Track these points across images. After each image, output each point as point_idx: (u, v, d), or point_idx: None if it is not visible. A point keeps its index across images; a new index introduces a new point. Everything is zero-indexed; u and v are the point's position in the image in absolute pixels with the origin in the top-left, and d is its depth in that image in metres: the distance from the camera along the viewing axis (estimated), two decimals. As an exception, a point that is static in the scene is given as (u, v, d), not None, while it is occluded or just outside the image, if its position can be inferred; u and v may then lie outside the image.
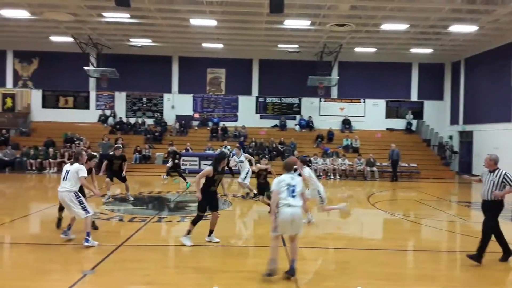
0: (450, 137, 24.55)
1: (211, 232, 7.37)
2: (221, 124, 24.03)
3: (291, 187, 5.55)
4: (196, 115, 24.95)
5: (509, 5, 15.34)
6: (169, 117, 24.56)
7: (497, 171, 6.55)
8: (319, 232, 8.95)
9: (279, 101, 25.24)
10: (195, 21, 18.44)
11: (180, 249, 7.04)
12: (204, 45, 22.93)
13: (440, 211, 11.54)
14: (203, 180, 7.11)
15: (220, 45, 22.98)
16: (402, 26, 18.57)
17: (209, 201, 7.16)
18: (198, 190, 7.07)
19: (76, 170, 6.90)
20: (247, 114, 24.90)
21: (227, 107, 25.12)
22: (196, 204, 7.25)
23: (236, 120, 24.79)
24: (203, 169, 7.66)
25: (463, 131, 23.70)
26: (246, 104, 25.07)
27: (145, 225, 8.70)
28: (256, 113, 25.18)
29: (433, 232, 9.24)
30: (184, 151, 20.28)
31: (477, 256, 6.35)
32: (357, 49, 23.15)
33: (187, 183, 14.36)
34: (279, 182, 5.62)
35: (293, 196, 5.51)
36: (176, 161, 15.66)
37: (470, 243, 8.12)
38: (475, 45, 21.42)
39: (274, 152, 21.38)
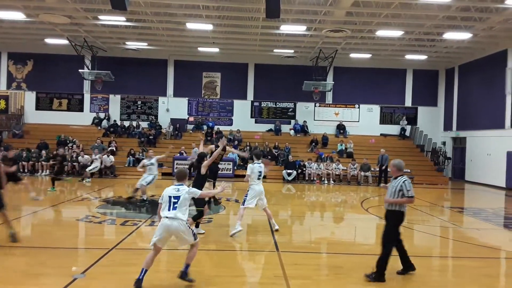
0: (444, 143, 24.70)
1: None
2: (216, 128, 24.00)
3: (173, 198, 5.38)
4: (191, 118, 24.91)
5: (503, 13, 15.52)
6: (164, 120, 24.50)
7: (399, 178, 6.02)
8: (312, 237, 8.94)
9: (274, 106, 25.29)
10: (191, 25, 18.48)
11: (172, 253, 6.99)
12: (200, 49, 22.97)
13: (433, 216, 11.57)
14: None
15: (216, 49, 23.03)
16: (397, 33, 18.71)
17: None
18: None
19: None
20: (242, 118, 24.92)
21: (222, 111, 25.13)
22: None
23: (231, 124, 24.79)
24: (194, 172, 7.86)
25: (456, 137, 23.86)
26: (241, 108, 25.09)
27: (137, 229, 8.64)
28: (251, 117, 25.21)
29: (425, 237, 9.26)
30: (178, 154, 20.25)
31: (378, 275, 5.82)
32: (352, 55, 23.28)
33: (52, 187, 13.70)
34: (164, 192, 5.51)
35: (175, 208, 5.33)
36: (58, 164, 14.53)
37: (462, 249, 8.18)
38: (469, 52, 21.63)
39: (269, 157, 21.36)
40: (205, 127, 24.19)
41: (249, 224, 10.18)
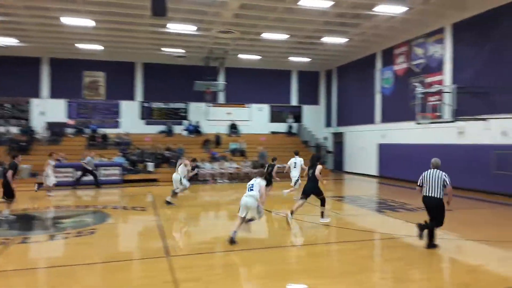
0: (326, 138, 26.87)
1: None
2: (100, 131, 22.40)
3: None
4: (71, 122, 22.82)
5: (372, 19, 17.36)
6: (39, 124, 22.02)
7: (437, 171, 7.35)
8: (206, 237, 8.85)
9: (166, 106, 24.61)
10: (67, 20, 16.88)
11: (51, 272, 6.24)
12: (80, 46, 21.13)
13: (317, 206, 12.40)
14: None
15: (99, 47, 21.45)
16: (282, 36, 19.67)
17: None
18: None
19: None
20: (130, 120, 23.71)
21: (107, 113, 23.55)
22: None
23: (117, 127, 23.38)
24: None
25: (336, 132, 26.13)
26: (129, 110, 23.87)
27: (5, 249, 7.52)
28: (141, 118, 24.14)
29: (311, 226, 9.86)
30: (56, 161, 18.33)
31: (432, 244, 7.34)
32: (242, 56, 23.84)
33: None
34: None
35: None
36: None
37: (342, 234, 8.90)
38: (345, 55, 23.82)
39: (160, 159, 20.71)
40: (88, 130, 22.40)
41: (140, 231, 9.68)
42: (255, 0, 15.12)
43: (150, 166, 20.19)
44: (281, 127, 26.60)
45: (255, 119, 26.14)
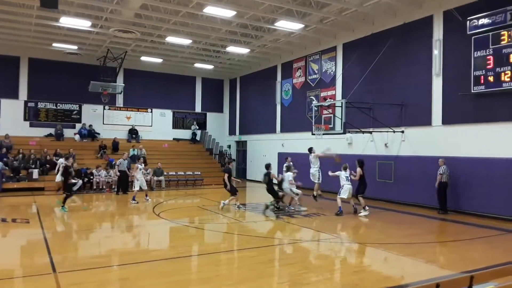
0: (229, 146, 27.17)
1: None
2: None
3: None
4: None
5: (273, 33, 18.12)
6: None
7: None
8: (98, 251, 8.19)
9: (55, 107, 22.43)
10: None
11: None
12: (-51, 33, 18.22)
13: (219, 214, 12.41)
14: None
15: (-27, 36, 18.74)
16: (186, 41, 19.42)
17: None
18: None
19: None
20: (12, 121, 21.07)
21: (-17, 112, 20.63)
22: None
23: (-4, 128, 20.64)
24: None
25: (239, 140, 26.59)
26: (11, 109, 21.23)
27: None
28: (25, 120, 21.65)
29: (214, 235, 9.80)
30: None
31: None
32: (144, 58, 22.93)
33: None
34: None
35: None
36: None
37: (243, 241, 9.00)
38: (247, 65, 24.45)
39: (47, 165, 18.75)
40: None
41: (22, 246, 8.59)
42: (158, 1, 14.69)
43: (35, 173, 18.15)
44: (185, 133, 26.15)
45: (157, 124, 25.29)
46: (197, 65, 24.30)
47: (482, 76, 12.04)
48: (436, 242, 9.51)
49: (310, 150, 14.36)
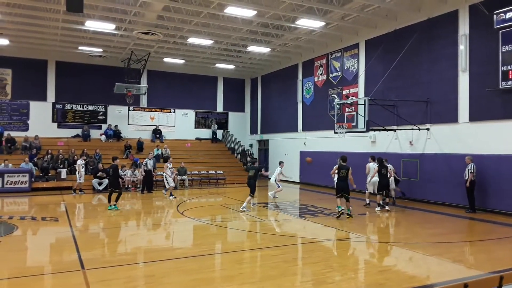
0: (251, 145, 27.25)
1: None
2: (6, 134, 20.28)
3: None
4: (-31, 123, 20.38)
5: (294, 32, 18.07)
6: None
7: None
8: (125, 248, 8.39)
9: (81, 109, 23.06)
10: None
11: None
12: (-19, 39, 18.98)
13: (240, 213, 12.48)
14: None
15: (5, 41, 19.45)
16: (207, 42, 19.60)
17: None
18: None
19: None
20: (41, 122, 21.80)
21: (14, 114, 21.40)
22: None
23: (26, 130, 21.37)
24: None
25: (261, 139, 26.63)
26: (40, 111, 21.96)
27: None
28: (53, 121, 22.34)
29: (236, 233, 9.88)
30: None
31: None
32: (166, 59, 23.28)
33: None
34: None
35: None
36: None
37: (265, 240, 9.04)
38: (269, 64, 24.46)
39: (75, 165, 19.24)
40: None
41: (51, 243, 8.89)
42: (180, 3, 14.89)
43: (63, 173, 18.71)
44: (207, 133, 26.41)
45: (180, 124, 25.63)
46: (219, 65, 24.47)
47: (510, 71, 11.68)
48: (463, 241, 9.29)
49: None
